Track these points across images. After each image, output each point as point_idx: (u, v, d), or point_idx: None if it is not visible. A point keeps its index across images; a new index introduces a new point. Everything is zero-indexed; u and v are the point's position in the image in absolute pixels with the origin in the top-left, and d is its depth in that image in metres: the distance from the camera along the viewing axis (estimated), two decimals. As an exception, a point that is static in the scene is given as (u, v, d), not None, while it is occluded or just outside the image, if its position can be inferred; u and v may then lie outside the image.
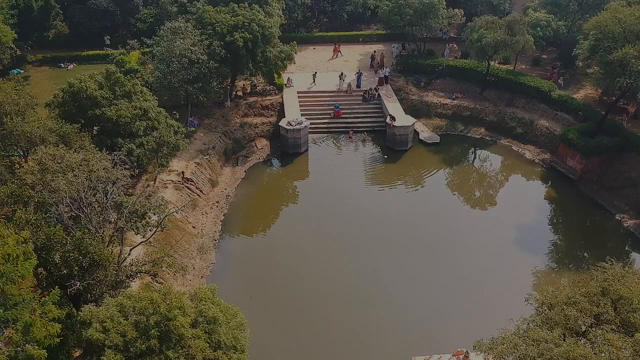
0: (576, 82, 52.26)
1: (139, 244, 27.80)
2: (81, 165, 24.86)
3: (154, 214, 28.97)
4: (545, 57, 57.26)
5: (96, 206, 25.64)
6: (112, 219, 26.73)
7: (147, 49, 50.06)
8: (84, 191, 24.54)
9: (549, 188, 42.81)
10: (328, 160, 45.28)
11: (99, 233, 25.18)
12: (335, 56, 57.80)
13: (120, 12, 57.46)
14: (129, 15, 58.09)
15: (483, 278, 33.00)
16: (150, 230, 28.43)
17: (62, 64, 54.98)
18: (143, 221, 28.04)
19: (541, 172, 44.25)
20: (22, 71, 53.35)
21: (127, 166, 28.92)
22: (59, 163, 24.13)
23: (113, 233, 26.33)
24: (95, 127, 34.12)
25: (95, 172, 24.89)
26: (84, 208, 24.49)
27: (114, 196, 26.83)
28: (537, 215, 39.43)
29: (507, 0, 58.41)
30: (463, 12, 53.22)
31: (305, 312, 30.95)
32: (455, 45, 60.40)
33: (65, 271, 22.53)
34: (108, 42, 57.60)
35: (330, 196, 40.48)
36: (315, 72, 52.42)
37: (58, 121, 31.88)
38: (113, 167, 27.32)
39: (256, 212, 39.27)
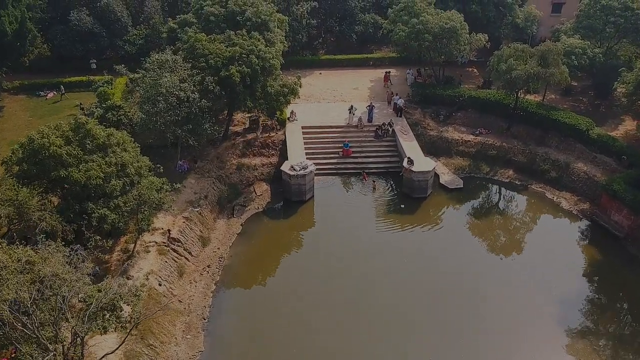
0: (614, 116, 46.70)
1: (104, 356, 22.27)
2: (23, 271, 19.33)
3: (127, 304, 23.83)
4: (575, 84, 51.56)
5: (47, 312, 20.25)
6: (71, 320, 21.36)
7: (133, 76, 44.60)
8: (30, 300, 19.10)
9: (590, 246, 37.02)
10: (336, 211, 39.58)
11: (50, 350, 19.76)
12: (386, 84, 51.63)
13: (107, 34, 52.08)
14: (117, 36, 52.68)
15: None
16: (123, 326, 23.17)
17: (41, 92, 49.56)
18: (113, 314, 22.84)
19: (580, 226, 38.61)
20: (-5, 100, 48.16)
21: (90, 266, 23.30)
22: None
23: (70, 344, 20.94)
24: (60, 190, 28.62)
25: (45, 277, 19.36)
26: (28, 324, 19.04)
27: (75, 292, 21.53)
28: (575, 278, 34.02)
29: (534, 22, 52.75)
30: (487, 37, 47.58)
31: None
32: (475, 71, 54.90)
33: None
34: (94, 66, 52.19)
35: (340, 257, 34.90)
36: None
37: (14, 186, 26.47)
38: (71, 260, 21.76)
39: (253, 280, 33.65)
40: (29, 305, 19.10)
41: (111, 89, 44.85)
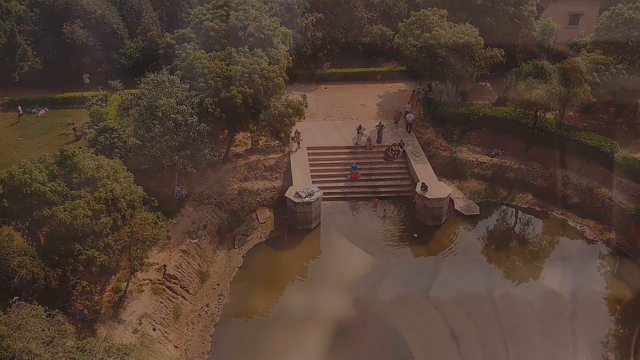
0: (638, 136, 44.04)
1: None
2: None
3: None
4: (594, 100, 48.74)
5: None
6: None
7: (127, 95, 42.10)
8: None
9: (617, 280, 34.29)
10: (345, 241, 36.85)
11: None
12: (413, 102, 48.58)
13: (102, 47, 49.57)
14: (112, 49, 50.15)
15: None
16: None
17: (34, 109, 46.94)
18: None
19: (606, 257, 35.93)
20: (-17, 118, 45.64)
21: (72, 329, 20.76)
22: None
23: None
24: (47, 228, 26.04)
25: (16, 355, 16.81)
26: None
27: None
28: (600, 317, 31.30)
29: (552, 35, 50.08)
30: (503, 52, 44.94)
31: None
32: (489, 85, 52.30)
33: None
34: (87, 81, 49.78)
35: (350, 294, 32.34)
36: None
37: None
38: (52, 319, 19.21)
39: (256, 321, 30.87)
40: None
41: (105, 106, 42.28)
